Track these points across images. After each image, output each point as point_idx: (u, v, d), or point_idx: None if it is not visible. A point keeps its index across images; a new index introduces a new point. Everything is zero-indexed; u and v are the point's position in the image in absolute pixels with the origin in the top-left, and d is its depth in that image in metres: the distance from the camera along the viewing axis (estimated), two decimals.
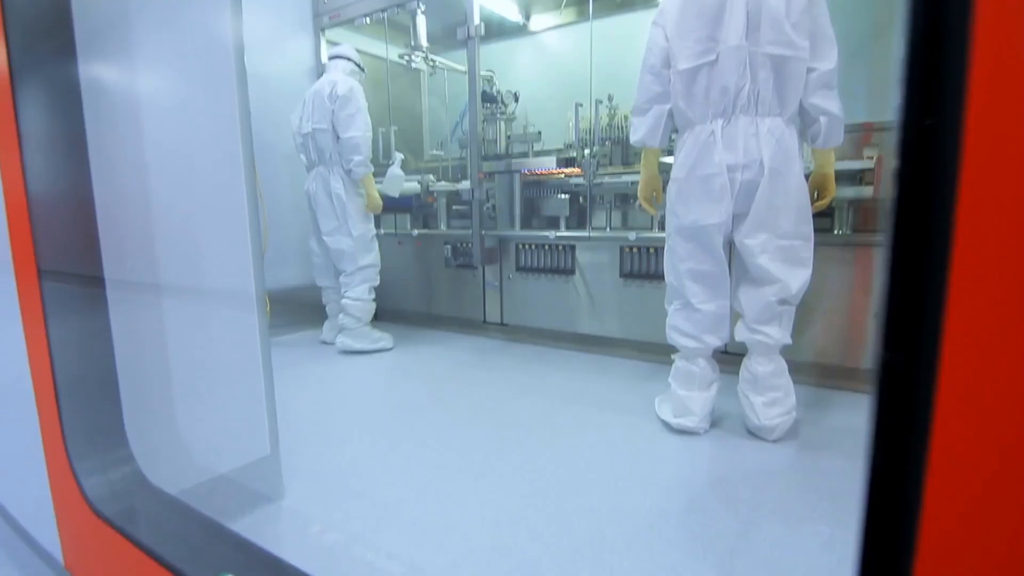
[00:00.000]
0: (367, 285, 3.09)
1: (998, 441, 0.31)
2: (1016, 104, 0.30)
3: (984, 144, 0.29)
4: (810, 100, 1.73)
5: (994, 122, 0.29)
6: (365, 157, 2.92)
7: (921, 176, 0.31)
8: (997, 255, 0.30)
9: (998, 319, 0.30)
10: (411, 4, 3.35)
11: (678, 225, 1.86)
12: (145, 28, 1.35)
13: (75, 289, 1.13)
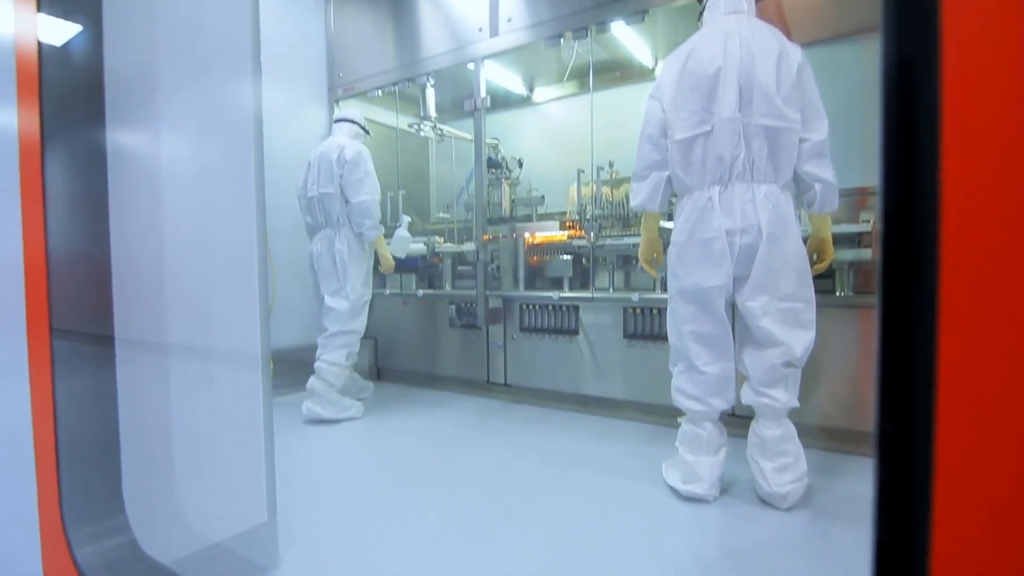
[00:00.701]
0: (346, 351, 2.99)
1: (998, 507, 0.31)
2: (989, 179, 0.33)
3: (960, 223, 0.31)
4: (804, 168, 1.80)
5: (968, 201, 0.31)
6: (376, 220, 2.95)
7: (905, 254, 0.33)
8: (983, 320, 0.31)
9: (989, 386, 0.31)
10: (421, 78, 3.55)
11: (680, 287, 1.88)
12: (171, 97, 1.44)
13: (85, 348, 1.14)
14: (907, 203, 0.33)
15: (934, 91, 0.34)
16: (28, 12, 1.43)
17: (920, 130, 0.32)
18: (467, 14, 3.28)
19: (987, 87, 0.32)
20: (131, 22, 1.44)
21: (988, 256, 0.32)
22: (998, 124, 0.32)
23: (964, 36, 0.33)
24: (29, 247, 1.17)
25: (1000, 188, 0.31)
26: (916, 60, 0.33)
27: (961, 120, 0.32)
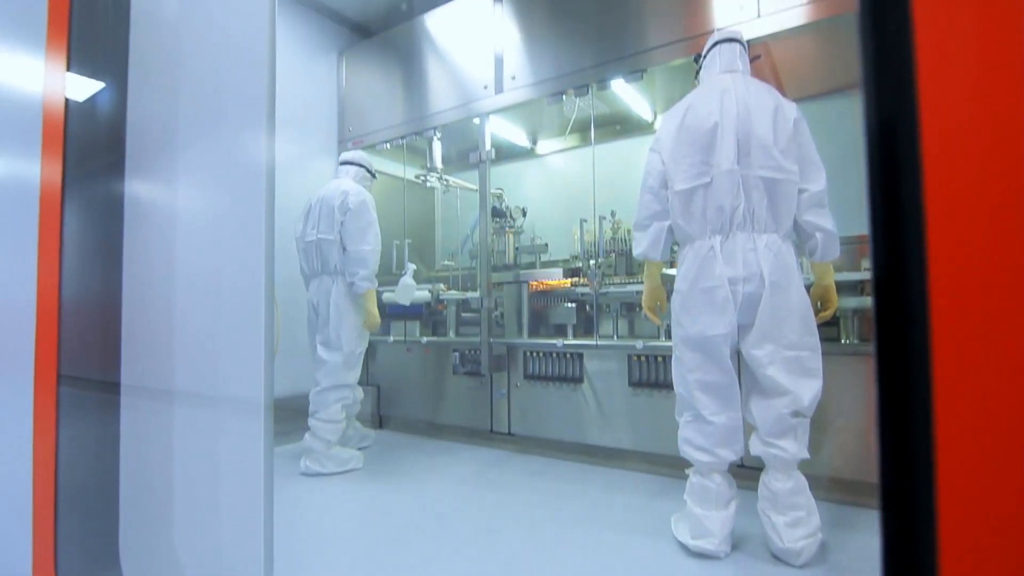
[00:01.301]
0: (341, 404, 2.88)
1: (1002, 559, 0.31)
2: (971, 234, 0.34)
3: (946, 271, 0.33)
4: (804, 217, 1.83)
5: (955, 267, 0.33)
6: (371, 272, 2.83)
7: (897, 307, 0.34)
8: (976, 377, 0.32)
9: (986, 451, 0.31)
10: (428, 132, 3.67)
11: (684, 336, 1.88)
12: (189, 149, 1.49)
13: (91, 395, 1.14)
14: (897, 260, 0.34)
15: (915, 153, 0.36)
16: (58, 71, 1.51)
17: (904, 192, 0.34)
18: (473, 72, 3.43)
19: (965, 148, 0.34)
20: (155, 78, 1.51)
21: (977, 303, 0.33)
22: (979, 188, 0.33)
23: (939, 101, 0.35)
24: (43, 295, 1.19)
25: (982, 241, 0.33)
26: (896, 124, 0.35)
27: (942, 181, 0.34)
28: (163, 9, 1.57)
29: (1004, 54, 0.36)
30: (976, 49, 0.37)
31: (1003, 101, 0.35)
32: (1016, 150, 0.34)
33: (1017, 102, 0.35)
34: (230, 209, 1.52)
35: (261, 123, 1.51)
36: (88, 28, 1.60)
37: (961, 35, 0.37)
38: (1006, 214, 0.34)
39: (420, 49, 3.73)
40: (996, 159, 0.34)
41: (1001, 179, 0.34)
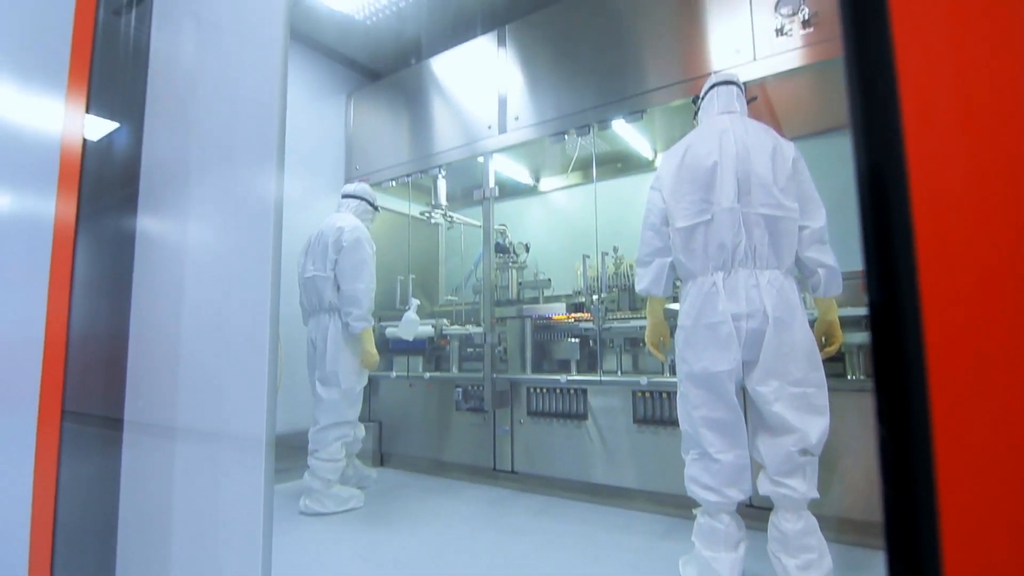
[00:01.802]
0: (340, 442, 2.82)
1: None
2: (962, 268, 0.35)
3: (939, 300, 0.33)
4: (806, 254, 1.84)
5: (946, 300, 0.34)
6: (365, 311, 2.76)
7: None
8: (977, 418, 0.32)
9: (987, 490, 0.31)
10: (433, 170, 3.74)
11: (688, 372, 1.87)
12: (200, 186, 1.53)
13: (94, 430, 1.14)
14: (890, 298, 0.35)
15: (903, 190, 0.37)
16: (77, 113, 1.57)
17: (894, 228, 0.35)
18: (478, 113, 3.52)
19: (950, 183, 0.36)
20: (170, 118, 1.57)
21: (969, 331, 0.34)
22: (965, 221, 0.35)
23: (923, 141, 0.37)
24: (51, 331, 1.20)
25: (971, 270, 0.34)
26: (883, 162, 0.37)
27: (929, 217, 0.36)
28: (180, 54, 1.64)
29: (982, 92, 0.38)
30: (957, 93, 0.39)
31: (983, 137, 0.37)
32: (996, 183, 0.36)
33: (996, 139, 0.36)
34: (238, 246, 1.54)
35: (271, 163, 1.55)
36: (108, 72, 1.67)
37: (942, 79, 0.39)
38: (992, 243, 0.35)
39: (426, 91, 3.85)
40: (979, 193, 0.35)
41: (984, 211, 0.36)
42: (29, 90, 1.97)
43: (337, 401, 2.82)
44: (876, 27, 0.42)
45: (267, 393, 1.39)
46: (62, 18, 1.78)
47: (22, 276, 1.39)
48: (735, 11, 2.60)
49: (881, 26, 0.42)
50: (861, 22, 0.44)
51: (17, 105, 2.02)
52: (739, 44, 2.57)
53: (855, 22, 0.44)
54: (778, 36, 2.47)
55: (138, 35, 1.68)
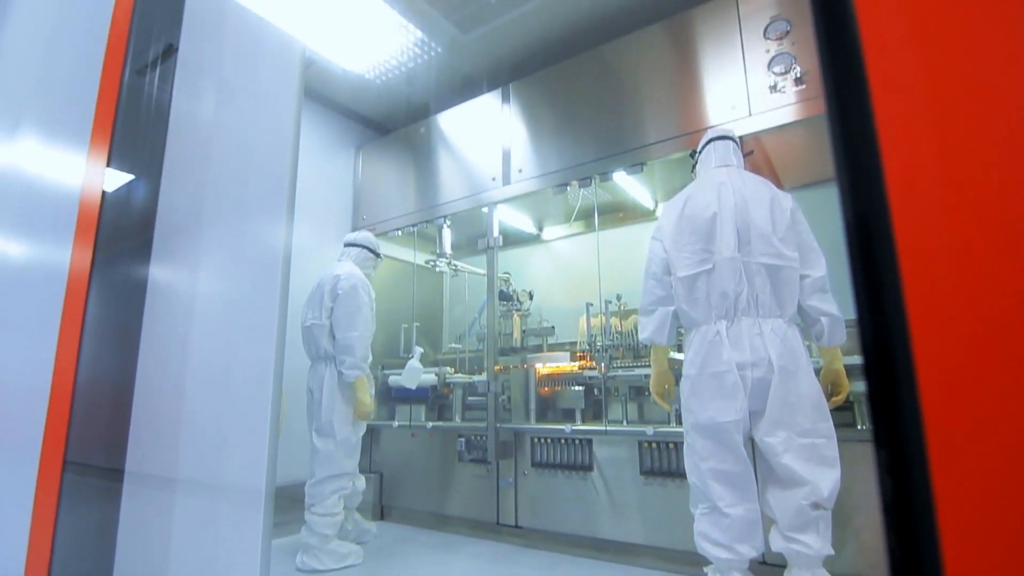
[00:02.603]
0: (338, 496, 2.74)
1: None
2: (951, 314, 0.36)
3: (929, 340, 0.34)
4: (808, 302, 1.86)
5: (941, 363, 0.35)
6: (359, 359, 2.74)
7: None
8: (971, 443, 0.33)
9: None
10: (438, 220, 3.82)
11: (695, 422, 1.85)
12: (212, 235, 1.56)
13: (94, 482, 1.13)
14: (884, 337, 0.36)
15: (889, 236, 0.39)
16: (98, 167, 1.63)
17: (882, 276, 0.37)
18: (482, 165, 3.63)
19: (934, 230, 0.37)
20: (186, 170, 1.62)
21: (960, 368, 0.35)
22: (950, 265, 0.36)
23: (905, 191, 0.39)
24: (58, 379, 1.21)
25: (959, 309, 0.35)
26: (869, 211, 0.39)
27: (915, 264, 0.37)
28: (199, 111, 1.71)
29: (961, 144, 0.40)
30: (936, 144, 0.41)
31: (963, 187, 0.39)
32: (977, 230, 0.37)
33: (973, 185, 0.38)
34: (246, 295, 1.56)
35: (281, 215, 1.60)
36: (130, 128, 1.74)
37: (921, 134, 0.42)
38: (978, 282, 0.36)
39: (433, 145, 3.98)
40: (961, 238, 0.37)
41: (967, 255, 0.37)
42: (53, 144, 2.05)
43: (333, 452, 2.76)
44: (855, 87, 0.45)
45: (268, 445, 1.38)
46: (89, 77, 1.87)
47: (33, 324, 1.41)
48: (730, 69, 2.72)
49: (860, 86, 0.45)
50: (841, 82, 0.47)
51: (40, 158, 2.10)
52: (735, 100, 2.67)
53: (835, 82, 0.47)
54: (772, 93, 2.57)
55: (160, 94, 1.77)
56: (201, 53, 1.69)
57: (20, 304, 1.65)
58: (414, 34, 3.41)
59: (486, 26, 3.42)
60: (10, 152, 2.35)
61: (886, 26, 0.45)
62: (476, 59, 3.73)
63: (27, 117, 2.32)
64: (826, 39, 0.46)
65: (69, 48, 2.17)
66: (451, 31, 3.44)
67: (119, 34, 1.78)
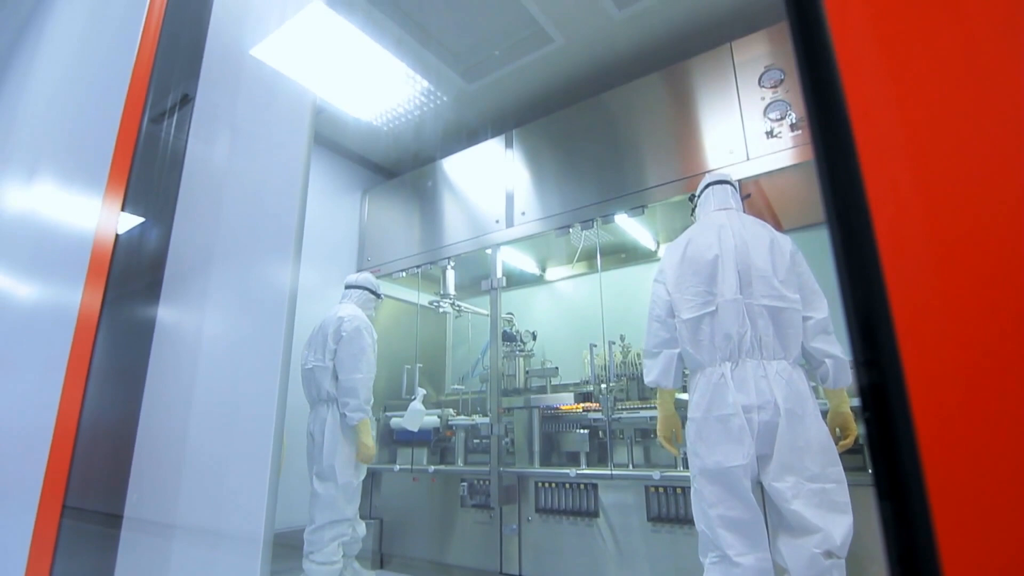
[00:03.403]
0: (337, 543, 2.68)
1: None
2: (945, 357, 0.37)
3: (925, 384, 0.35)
4: (812, 344, 1.85)
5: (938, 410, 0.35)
6: (362, 401, 2.74)
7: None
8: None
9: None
10: (442, 261, 3.86)
11: (702, 467, 1.81)
12: (220, 276, 1.59)
13: (92, 528, 1.11)
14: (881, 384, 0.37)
15: (880, 281, 0.40)
16: (113, 210, 1.67)
17: (874, 313, 0.38)
18: (486, 208, 3.70)
19: (922, 273, 0.39)
20: (198, 214, 1.66)
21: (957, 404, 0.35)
22: (939, 299, 0.37)
23: (892, 233, 0.40)
24: (62, 421, 1.20)
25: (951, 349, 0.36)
26: (858, 254, 0.41)
27: (905, 302, 0.38)
28: (213, 156, 1.77)
29: (943, 187, 0.42)
30: (922, 194, 0.43)
31: (946, 233, 0.41)
32: (963, 265, 0.39)
33: (959, 230, 0.40)
34: (251, 336, 1.57)
35: (288, 258, 1.63)
36: (145, 173, 1.79)
37: (907, 186, 0.44)
38: (968, 321, 0.37)
39: (438, 188, 4.06)
40: (951, 276, 0.39)
41: (958, 297, 0.38)
42: (69, 189, 2.11)
43: (334, 497, 2.71)
44: (840, 133, 0.47)
45: (268, 490, 1.36)
46: (107, 124, 1.95)
47: (41, 365, 1.42)
48: (727, 116, 2.80)
49: (845, 134, 0.47)
50: (826, 130, 0.49)
51: (56, 203, 2.16)
52: (732, 145, 2.74)
53: (821, 131, 0.50)
54: (768, 138, 2.64)
55: (176, 140, 1.83)
56: (216, 102, 1.76)
57: (29, 346, 1.67)
58: (421, 84, 3.54)
59: (490, 76, 3.56)
60: (27, 197, 2.42)
61: (868, 82, 0.47)
62: (480, 107, 3.86)
63: (45, 163, 2.39)
64: (812, 95, 0.49)
65: (89, 97, 2.26)
66: (457, 81, 3.57)
67: (139, 84, 1.86)
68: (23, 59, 3.26)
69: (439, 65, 3.42)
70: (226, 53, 1.81)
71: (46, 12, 3.11)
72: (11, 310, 2.03)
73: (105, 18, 2.34)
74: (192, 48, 1.86)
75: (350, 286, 3.15)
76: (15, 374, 1.65)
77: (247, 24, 1.80)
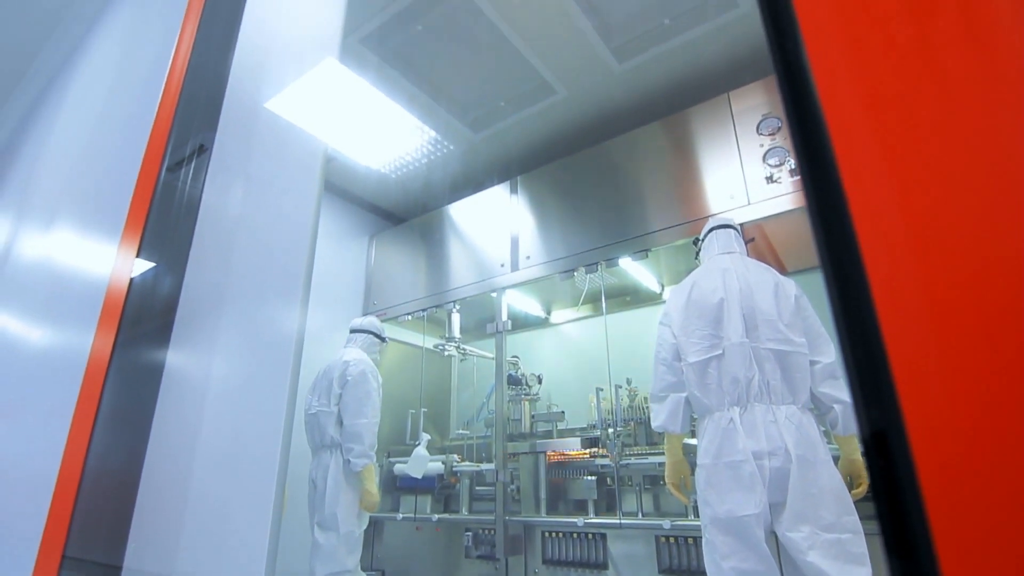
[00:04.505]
0: None
1: None
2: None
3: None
4: (820, 389, 1.83)
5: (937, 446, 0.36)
6: (367, 447, 2.71)
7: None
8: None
9: None
10: (448, 305, 3.89)
11: (713, 516, 1.77)
12: (229, 320, 1.60)
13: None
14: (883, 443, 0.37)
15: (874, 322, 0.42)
16: (128, 257, 1.71)
17: (870, 358, 0.39)
18: (491, 253, 3.75)
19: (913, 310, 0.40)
20: (210, 259, 1.69)
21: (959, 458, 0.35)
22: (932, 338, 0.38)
23: (883, 279, 0.42)
24: (66, 468, 1.20)
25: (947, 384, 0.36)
26: (850, 296, 0.42)
27: (899, 343, 0.39)
28: (227, 205, 1.82)
29: (936, 232, 0.44)
30: (913, 240, 0.44)
31: (933, 269, 0.42)
32: (955, 308, 0.40)
33: (947, 263, 0.41)
34: (257, 378, 1.58)
35: (296, 303, 1.65)
36: (161, 221, 1.85)
37: (897, 236, 0.45)
38: (963, 368, 0.38)
39: (444, 233, 4.13)
40: (940, 315, 0.39)
41: (951, 331, 0.39)
42: (86, 235, 2.17)
43: (336, 547, 2.63)
44: (829, 183, 0.50)
45: (269, 542, 1.33)
46: (126, 174, 2.02)
47: (48, 410, 1.42)
48: (727, 162, 2.87)
49: (835, 188, 0.49)
50: (817, 179, 0.52)
51: (72, 248, 2.21)
52: (733, 190, 2.80)
53: (812, 179, 0.52)
54: (768, 183, 2.69)
55: (192, 189, 1.89)
56: (231, 152, 1.83)
57: (38, 392, 1.67)
58: (428, 134, 3.66)
59: (496, 126, 3.68)
60: (44, 244, 2.48)
61: (854, 133, 0.50)
62: (486, 155, 3.97)
63: (63, 212, 2.47)
64: (802, 148, 0.52)
65: (110, 149, 2.35)
66: (463, 131, 3.70)
67: (159, 137, 1.94)
68: (47, 113, 3.41)
69: (447, 116, 3.55)
70: (242, 106, 1.89)
71: (72, 70, 3.28)
72: (23, 356, 2.05)
73: (130, 76, 2.46)
74: (211, 103, 1.94)
75: (355, 330, 3.17)
76: (23, 420, 1.65)
77: (264, 79, 1.89)
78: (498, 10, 2.79)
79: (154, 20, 2.51)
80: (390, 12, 2.82)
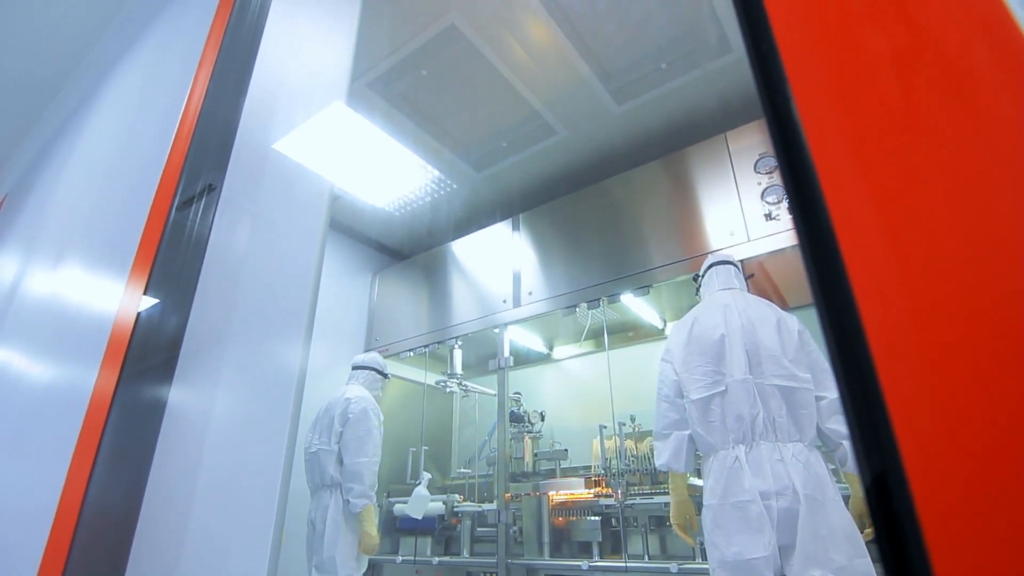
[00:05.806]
0: None
1: None
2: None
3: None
4: (827, 425, 1.81)
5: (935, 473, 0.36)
6: (367, 487, 2.66)
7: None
8: None
9: None
10: (450, 341, 3.88)
11: (721, 559, 1.72)
12: (233, 356, 1.61)
13: None
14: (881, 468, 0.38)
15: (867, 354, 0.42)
16: (135, 294, 1.73)
17: (865, 387, 0.40)
18: (493, 289, 3.77)
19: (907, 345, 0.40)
20: (216, 296, 1.71)
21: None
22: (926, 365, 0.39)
23: (875, 311, 0.43)
24: (65, 504, 1.19)
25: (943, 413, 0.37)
26: (842, 327, 0.43)
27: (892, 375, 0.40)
28: (233, 242, 1.85)
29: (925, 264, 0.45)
30: (901, 272, 0.46)
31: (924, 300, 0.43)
32: (949, 337, 0.41)
33: (938, 293, 0.42)
34: (257, 418, 1.57)
35: (299, 340, 1.66)
36: (169, 258, 1.87)
37: (885, 266, 0.47)
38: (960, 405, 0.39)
39: (446, 270, 4.17)
40: (934, 341, 0.40)
41: (947, 372, 0.40)
42: (94, 272, 2.20)
43: None
44: (819, 222, 0.52)
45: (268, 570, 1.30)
46: (136, 212, 2.06)
47: (49, 445, 1.41)
48: (726, 200, 2.91)
49: (824, 224, 0.51)
50: (807, 218, 0.53)
51: (79, 285, 2.24)
52: (733, 227, 2.83)
53: (803, 219, 0.54)
54: (767, 220, 2.72)
55: (200, 227, 1.92)
56: (239, 191, 1.87)
57: (40, 426, 1.67)
58: (432, 173, 3.74)
59: (498, 165, 3.76)
60: (51, 281, 2.51)
61: (841, 175, 0.52)
62: (489, 193, 4.05)
63: (72, 250, 2.51)
64: (793, 191, 0.54)
65: (121, 187, 2.40)
66: (466, 170, 3.78)
67: (170, 179, 1.99)
68: (60, 153, 3.50)
69: (451, 156, 3.63)
70: (252, 147, 1.94)
71: (87, 112, 3.38)
72: (27, 391, 2.05)
73: (144, 119, 2.54)
74: (221, 144, 2.00)
75: (357, 367, 3.16)
76: (24, 454, 1.64)
77: (273, 122, 1.95)
78: (500, 55, 2.90)
79: (169, 66, 2.61)
80: (396, 57, 2.93)
